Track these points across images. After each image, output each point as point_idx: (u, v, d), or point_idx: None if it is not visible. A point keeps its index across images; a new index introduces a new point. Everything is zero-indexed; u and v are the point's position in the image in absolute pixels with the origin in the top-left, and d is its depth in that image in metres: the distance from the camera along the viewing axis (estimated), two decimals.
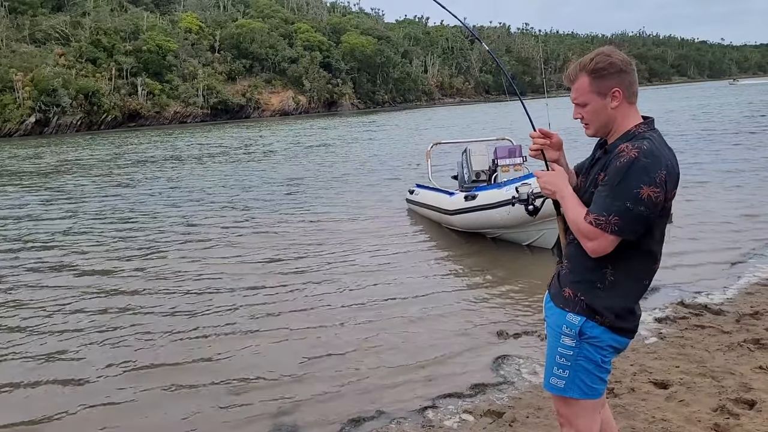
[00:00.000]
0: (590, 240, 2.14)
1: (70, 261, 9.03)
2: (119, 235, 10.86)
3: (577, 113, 2.32)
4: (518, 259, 8.11)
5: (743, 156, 16.02)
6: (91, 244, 10.15)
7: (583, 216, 2.16)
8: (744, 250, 7.66)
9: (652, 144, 2.12)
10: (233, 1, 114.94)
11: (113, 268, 8.50)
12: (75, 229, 11.72)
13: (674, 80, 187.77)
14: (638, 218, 2.08)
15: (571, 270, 2.32)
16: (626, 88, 2.23)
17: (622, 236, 2.10)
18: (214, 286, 7.40)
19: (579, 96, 2.28)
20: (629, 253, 2.17)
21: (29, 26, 76.92)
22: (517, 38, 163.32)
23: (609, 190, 2.11)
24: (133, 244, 10.03)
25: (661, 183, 2.07)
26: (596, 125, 2.29)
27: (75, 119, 68.43)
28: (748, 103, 43.21)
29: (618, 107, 2.23)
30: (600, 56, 2.25)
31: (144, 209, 13.59)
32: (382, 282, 7.29)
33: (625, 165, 2.08)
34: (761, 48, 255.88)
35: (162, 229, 11.24)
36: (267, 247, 9.33)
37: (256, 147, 31.21)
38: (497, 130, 25.22)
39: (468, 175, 10.70)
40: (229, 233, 10.54)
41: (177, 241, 10.09)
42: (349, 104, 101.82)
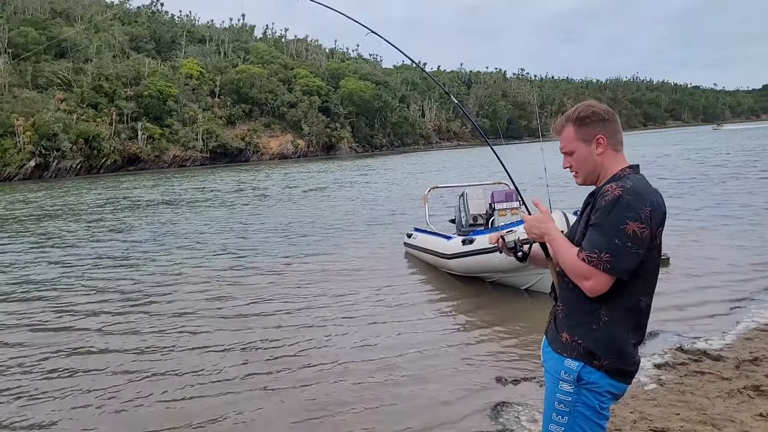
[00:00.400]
0: (587, 279, 2.16)
1: (54, 314, 8.64)
2: (108, 285, 10.46)
3: (566, 162, 2.41)
4: (517, 304, 8.08)
5: (740, 201, 16.07)
6: (78, 294, 9.84)
7: (575, 255, 2.19)
8: (742, 294, 7.64)
9: (635, 183, 2.19)
10: (234, 47, 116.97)
11: (98, 322, 8.05)
12: (62, 278, 11.25)
13: (669, 124, 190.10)
14: (628, 255, 2.11)
15: (567, 313, 2.33)
16: (610, 136, 2.33)
17: (615, 274, 2.13)
18: (201, 337, 7.15)
19: (566, 145, 2.39)
20: (621, 292, 2.19)
21: (32, 72, 77.99)
22: (513, 83, 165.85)
23: (597, 228, 2.16)
24: (121, 293, 9.66)
25: (646, 219, 2.12)
26: (584, 172, 2.38)
27: (75, 163, 68.83)
28: (741, 148, 43.64)
29: (603, 153, 2.32)
30: (583, 106, 2.38)
31: (135, 256, 13.28)
32: (379, 329, 7.23)
33: (611, 203, 2.14)
34: (753, 93, 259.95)
35: (153, 277, 10.93)
36: (258, 295, 9.06)
37: (252, 191, 31.29)
38: (494, 174, 25.33)
39: (465, 219, 10.75)
40: (221, 281, 10.26)
41: (167, 291, 9.70)
42: (347, 148, 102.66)
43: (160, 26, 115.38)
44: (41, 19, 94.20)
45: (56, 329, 7.86)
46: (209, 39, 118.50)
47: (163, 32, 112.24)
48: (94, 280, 10.79)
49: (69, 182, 53.90)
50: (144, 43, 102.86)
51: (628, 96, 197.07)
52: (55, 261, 13.12)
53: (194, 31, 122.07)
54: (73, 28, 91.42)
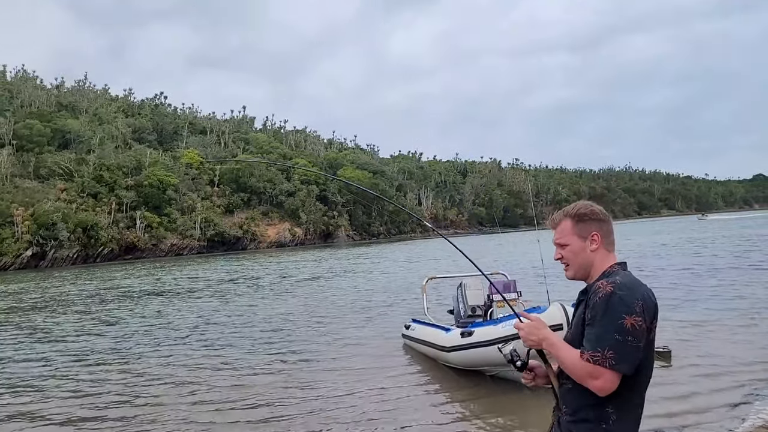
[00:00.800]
0: (595, 379, 2.14)
1: (38, 410, 8.36)
2: (92, 378, 10.14)
3: (558, 254, 2.46)
4: (517, 399, 7.86)
5: (738, 292, 15.91)
6: (62, 390, 9.46)
7: (578, 357, 2.18)
8: (747, 391, 7.46)
9: (624, 278, 2.25)
10: (234, 138, 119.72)
11: (83, 421, 7.75)
12: (46, 373, 10.89)
13: (663, 213, 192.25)
14: (630, 349, 2.13)
15: (572, 414, 2.28)
16: (604, 235, 2.40)
17: (621, 370, 2.13)
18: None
19: (561, 237, 2.45)
20: (626, 388, 2.18)
21: (35, 163, 79.37)
22: (508, 172, 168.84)
23: (595, 326, 2.17)
24: (106, 391, 9.24)
25: (640, 311, 2.15)
26: (575, 266, 2.42)
27: (71, 252, 68.86)
28: (733, 237, 43.91)
29: (596, 251, 2.38)
30: (583, 204, 2.47)
31: (122, 350, 12.85)
32: (377, 425, 7.00)
33: (604, 299, 2.17)
34: (744, 183, 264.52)
35: (139, 373, 10.44)
36: (249, 393, 8.71)
37: (246, 281, 31.05)
38: (491, 263, 25.37)
39: (464, 310, 10.62)
40: (211, 378, 9.81)
41: (153, 391, 9.20)
42: (344, 236, 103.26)
43: (163, 118, 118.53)
44: (47, 112, 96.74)
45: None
46: (210, 130, 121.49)
47: (166, 124, 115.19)
48: (75, 381, 10.20)
49: (64, 272, 53.65)
50: (146, 134, 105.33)
51: (622, 185, 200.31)
52: (36, 357, 12.55)
53: (196, 123, 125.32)
54: (78, 121, 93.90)
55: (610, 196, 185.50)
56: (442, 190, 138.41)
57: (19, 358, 12.64)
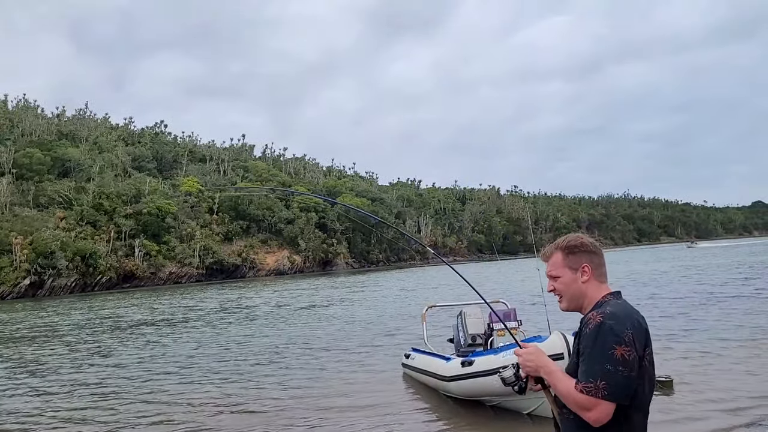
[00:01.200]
0: (588, 410, 2.16)
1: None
2: (81, 415, 9.83)
3: (551, 286, 2.52)
4: (519, 430, 7.78)
5: (739, 321, 15.82)
6: (48, 427, 9.17)
7: (573, 387, 2.21)
8: (749, 420, 7.38)
9: (614, 307, 2.27)
10: (233, 165, 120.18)
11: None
12: (31, 408, 10.59)
13: (662, 240, 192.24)
14: (622, 379, 2.14)
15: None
16: (595, 267, 2.44)
17: (614, 400, 2.14)
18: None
19: (553, 270, 2.50)
20: (622, 417, 2.19)
21: (34, 192, 79.54)
22: (507, 200, 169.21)
23: (587, 358, 2.20)
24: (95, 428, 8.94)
25: (629, 342, 2.17)
26: (568, 298, 2.46)
27: (69, 281, 68.65)
28: (738, 264, 43.89)
29: (587, 282, 2.42)
30: (573, 237, 2.53)
31: (112, 383, 12.55)
32: None
33: (594, 330, 2.21)
34: (743, 210, 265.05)
35: (128, 410, 10.06)
36: (247, 426, 8.52)
37: (244, 309, 30.85)
38: (491, 291, 25.28)
39: (464, 339, 10.54)
40: (204, 412, 9.57)
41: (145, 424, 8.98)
42: (344, 263, 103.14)
43: (163, 146, 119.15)
44: (47, 141, 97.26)
45: None
46: (210, 158, 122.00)
47: (165, 152, 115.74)
48: (67, 411, 9.99)
49: (61, 301, 53.35)
50: (146, 162, 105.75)
51: (621, 212, 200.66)
52: (27, 391, 12.24)
53: (195, 151, 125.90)
54: (78, 149, 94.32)
55: (609, 223, 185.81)
56: (441, 218, 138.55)
57: (7, 391, 12.27)
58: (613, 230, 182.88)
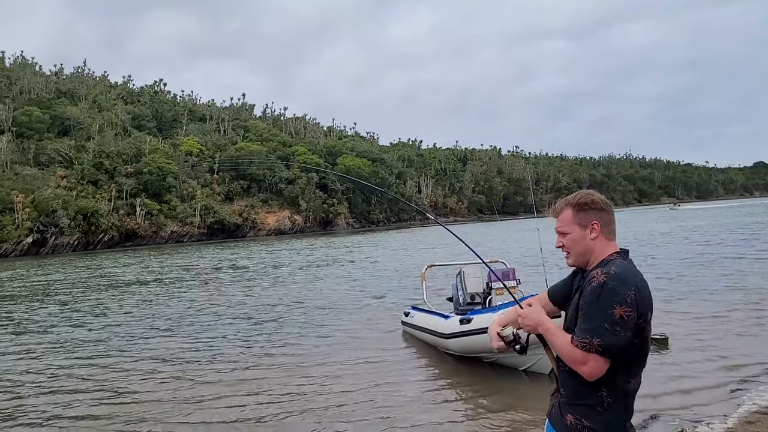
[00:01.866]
0: (583, 364, 2.23)
1: (15, 408, 8.03)
2: (74, 373, 9.66)
3: (559, 242, 2.53)
4: (516, 385, 7.96)
5: (739, 281, 15.91)
6: (41, 386, 8.97)
7: (569, 342, 2.28)
8: (743, 376, 7.54)
9: (619, 268, 2.30)
10: (233, 125, 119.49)
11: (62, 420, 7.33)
12: (23, 366, 10.46)
13: (663, 201, 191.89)
14: (617, 338, 2.20)
15: (569, 397, 2.38)
16: (604, 224, 2.46)
17: (607, 356, 2.21)
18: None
19: (562, 225, 2.51)
20: (617, 374, 2.27)
21: (35, 150, 79.27)
22: (508, 160, 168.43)
23: (586, 314, 2.26)
24: (87, 388, 8.74)
25: (631, 303, 2.21)
26: (575, 254, 2.48)
27: (72, 239, 68.96)
28: (741, 225, 43.97)
29: (596, 239, 2.44)
30: (584, 193, 2.54)
31: (106, 341, 12.24)
32: (375, 412, 7.08)
33: (597, 289, 2.24)
34: (745, 170, 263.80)
35: (123, 368, 9.84)
36: (240, 389, 8.39)
37: (243, 269, 30.97)
38: (490, 251, 25.46)
39: (463, 298, 10.68)
40: (202, 371, 9.38)
41: (136, 387, 8.68)
42: (344, 223, 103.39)
43: (162, 105, 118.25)
44: (46, 99, 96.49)
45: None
46: (210, 117, 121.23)
47: (165, 111, 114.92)
48: (55, 376, 9.62)
49: (61, 259, 53.56)
50: (146, 121, 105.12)
51: (622, 173, 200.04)
52: (18, 350, 12.01)
53: (195, 110, 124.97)
54: (78, 108, 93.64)
55: (610, 184, 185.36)
56: (442, 178, 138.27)
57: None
58: (613, 191, 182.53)
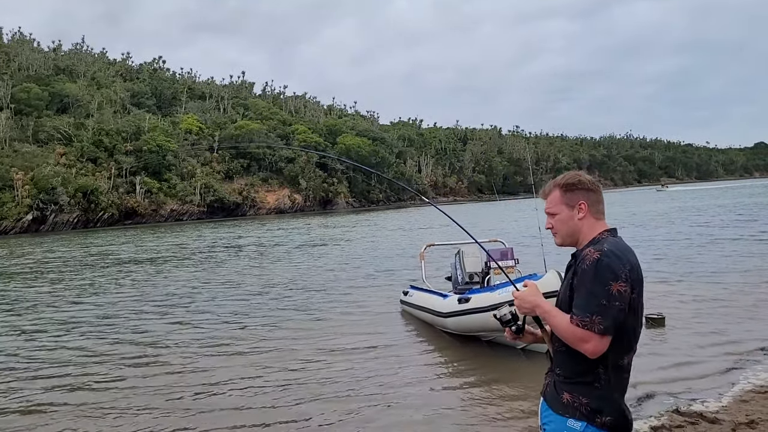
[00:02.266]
0: (586, 342, 2.26)
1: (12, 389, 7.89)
2: (63, 355, 9.35)
3: (549, 223, 2.59)
4: (513, 364, 8.04)
5: (737, 261, 15.96)
6: (28, 370, 8.67)
7: (569, 321, 2.30)
8: (738, 355, 7.63)
9: (611, 245, 2.35)
10: (233, 103, 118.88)
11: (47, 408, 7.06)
12: (12, 345, 10.32)
13: (662, 181, 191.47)
14: (615, 314, 2.24)
15: (565, 375, 2.41)
16: (591, 204, 2.50)
17: (609, 333, 2.25)
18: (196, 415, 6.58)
19: (551, 206, 2.56)
20: (612, 350, 2.29)
21: (33, 127, 78.96)
22: (509, 140, 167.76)
23: (584, 292, 2.29)
24: (80, 372, 8.43)
25: (626, 278, 2.27)
26: (563, 234, 2.54)
27: (72, 217, 68.97)
28: (735, 206, 44.00)
29: (583, 219, 2.49)
30: (571, 174, 2.59)
31: (103, 322, 12.02)
32: (374, 389, 7.17)
33: (592, 266, 2.28)
34: (745, 151, 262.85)
35: (117, 352, 9.55)
36: (237, 370, 8.33)
37: (242, 248, 31.04)
38: (489, 231, 25.49)
39: (461, 277, 10.75)
40: (199, 352, 9.24)
41: (127, 373, 8.43)
42: (344, 202, 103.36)
43: (161, 83, 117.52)
44: (44, 76, 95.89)
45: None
46: (209, 95, 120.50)
47: (164, 89, 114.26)
48: (44, 358, 9.30)
49: (60, 237, 53.47)
50: (145, 99, 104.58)
51: (622, 153, 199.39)
52: (7, 330, 11.79)
53: (195, 88, 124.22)
54: (76, 85, 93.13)
55: (610, 164, 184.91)
56: (442, 158, 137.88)
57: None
58: (613, 171, 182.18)
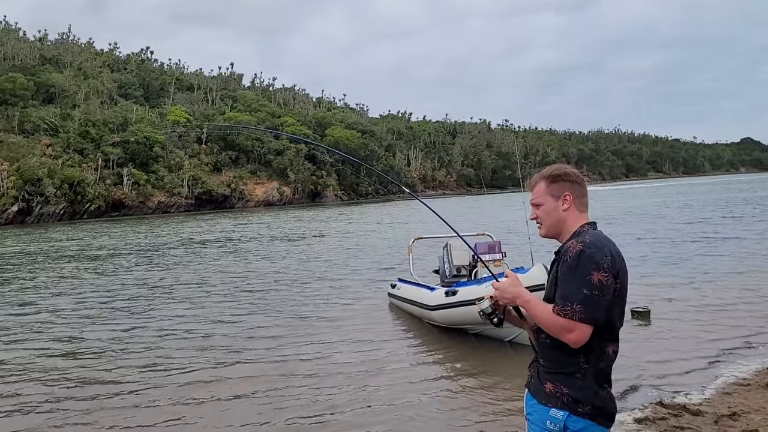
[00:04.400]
0: (569, 331, 2.28)
1: None
2: (42, 363, 8.61)
3: (533, 214, 2.62)
4: (499, 356, 8.09)
5: (722, 256, 16.08)
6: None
7: (551, 311, 2.33)
8: (721, 348, 7.71)
9: (593, 237, 2.39)
10: (222, 95, 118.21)
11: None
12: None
13: (650, 176, 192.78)
14: (597, 303, 2.27)
15: (548, 365, 2.44)
16: (576, 197, 2.54)
17: (590, 322, 2.27)
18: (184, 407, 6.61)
19: (536, 197, 2.60)
20: (594, 340, 2.31)
21: (19, 117, 78.14)
22: (498, 134, 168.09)
23: (565, 282, 2.33)
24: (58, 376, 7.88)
25: (608, 268, 2.30)
26: (547, 224, 2.58)
27: (58, 208, 68.42)
28: (725, 201, 44.33)
29: (568, 210, 2.53)
30: (557, 166, 2.64)
31: (67, 324, 11.25)
32: (360, 380, 7.19)
33: (575, 258, 2.32)
34: (732, 146, 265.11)
35: (91, 349, 9.18)
36: (229, 352, 8.47)
37: (232, 239, 31.09)
38: (477, 225, 25.54)
39: (449, 270, 10.79)
40: (181, 353, 8.81)
41: (101, 369, 8.07)
42: (333, 195, 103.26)
43: (149, 74, 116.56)
44: (30, 65, 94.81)
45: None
46: (197, 87, 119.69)
47: (152, 80, 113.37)
48: (18, 363, 8.68)
49: (46, 228, 53.17)
50: (132, 90, 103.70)
51: (610, 148, 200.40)
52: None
53: (183, 79, 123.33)
54: (63, 75, 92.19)
55: (598, 159, 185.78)
56: (431, 151, 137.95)
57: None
58: (601, 165, 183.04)
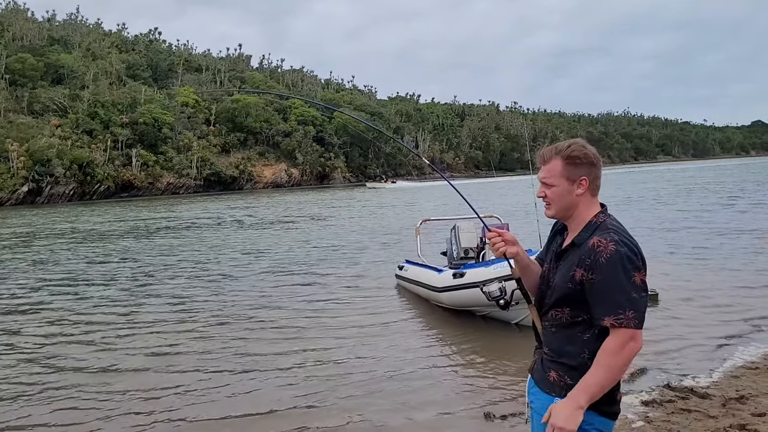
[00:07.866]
0: (634, 341, 2.17)
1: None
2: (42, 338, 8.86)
3: (542, 192, 2.42)
4: (507, 338, 8.10)
5: (727, 241, 16.02)
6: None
7: (603, 363, 2.18)
8: (730, 332, 7.70)
9: (617, 232, 2.24)
10: (230, 76, 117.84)
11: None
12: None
13: (659, 159, 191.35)
14: (644, 304, 2.19)
15: (553, 356, 2.40)
16: (592, 180, 2.37)
17: (641, 326, 2.17)
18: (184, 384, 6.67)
19: (549, 177, 2.39)
20: (602, 336, 2.24)
21: (28, 98, 78.27)
22: (506, 116, 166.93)
23: (611, 289, 2.18)
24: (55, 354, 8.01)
25: (642, 266, 2.21)
26: (558, 207, 2.39)
27: (68, 189, 68.73)
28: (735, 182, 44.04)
29: (582, 195, 2.35)
30: (576, 145, 2.38)
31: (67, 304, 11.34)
32: (367, 361, 7.23)
33: (612, 260, 2.17)
34: (742, 129, 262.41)
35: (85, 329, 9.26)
36: (238, 333, 8.54)
37: (242, 219, 31.17)
38: (485, 208, 25.49)
39: (457, 252, 10.79)
40: (184, 333, 8.83)
41: (127, 333, 8.58)
42: (341, 177, 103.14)
43: (157, 55, 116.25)
44: (39, 46, 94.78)
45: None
46: (206, 68, 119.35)
47: (160, 60, 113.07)
48: (19, 343, 8.73)
49: (55, 208, 53.52)
50: (141, 71, 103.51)
51: (620, 130, 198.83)
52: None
53: (191, 60, 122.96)
54: (71, 56, 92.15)
55: (607, 141, 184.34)
56: (440, 133, 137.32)
57: None
58: (610, 148, 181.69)
